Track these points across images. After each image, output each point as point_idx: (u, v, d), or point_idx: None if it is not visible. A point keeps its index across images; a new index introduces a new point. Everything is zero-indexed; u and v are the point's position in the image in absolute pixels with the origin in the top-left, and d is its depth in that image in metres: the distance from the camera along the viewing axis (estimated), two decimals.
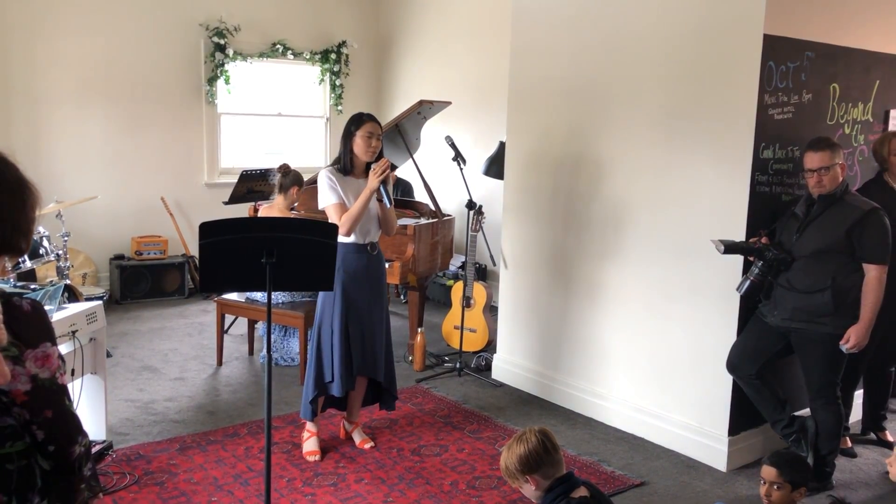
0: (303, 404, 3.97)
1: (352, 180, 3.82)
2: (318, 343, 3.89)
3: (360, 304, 3.85)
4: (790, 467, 2.90)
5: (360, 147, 3.76)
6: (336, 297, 3.80)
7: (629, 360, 4.38)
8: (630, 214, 4.30)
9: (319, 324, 3.89)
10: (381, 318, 3.97)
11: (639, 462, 4.01)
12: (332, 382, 3.86)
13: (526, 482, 2.60)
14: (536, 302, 4.90)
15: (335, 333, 3.82)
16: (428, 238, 5.41)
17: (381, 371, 3.99)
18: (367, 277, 3.87)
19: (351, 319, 3.84)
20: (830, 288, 3.52)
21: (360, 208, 3.70)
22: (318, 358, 3.88)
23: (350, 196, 3.77)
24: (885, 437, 4.31)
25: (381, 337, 3.96)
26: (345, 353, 3.83)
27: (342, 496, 3.56)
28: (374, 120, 3.79)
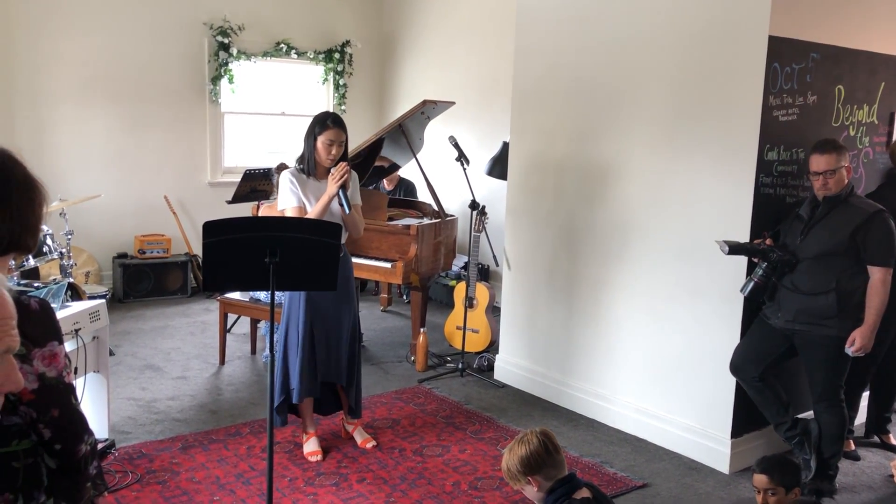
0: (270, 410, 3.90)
1: (313, 182, 3.79)
2: (285, 348, 3.85)
3: (325, 306, 3.81)
4: (780, 471, 2.89)
5: (320, 153, 3.74)
6: (300, 300, 3.77)
7: (632, 361, 4.37)
8: (634, 216, 4.29)
9: (286, 326, 3.85)
10: (349, 321, 3.91)
11: (641, 464, 4.00)
12: (294, 389, 3.81)
13: (528, 483, 2.59)
14: (539, 303, 4.90)
15: (301, 337, 3.78)
16: (431, 238, 5.41)
17: (344, 375, 3.94)
18: None
19: (316, 323, 3.81)
20: (835, 290, 3.51)
21: (319, 213, 3.66)
22: (284, 362, 3.84)
23: (311, 197, 3.74)
24: (890, 441, 4.30)
25: (346, 341, 3.91)
26: (309, 357, 3.79)
27: (344, 496, 3.55)
28: (338, 126, 3.72)
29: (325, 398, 4.04)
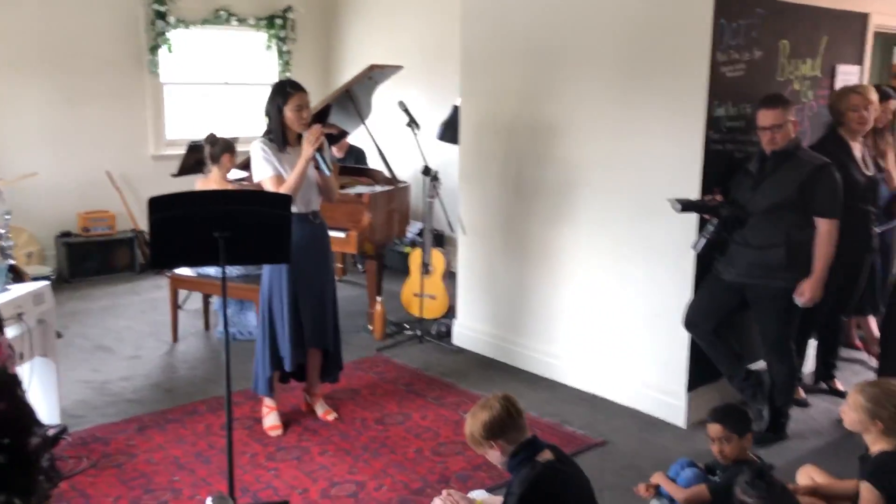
0: (259, 380, 3.91)
1: (288, 151, 3.72)
2: (270, 317, 3.81)
3: (307, 274, 3.79)
4: (732, 419, 2.97)
5: (292, 121, 3.66)
6: (283, 269, 3.73)
7: (587, 320, 4.41)
8: (585, 176, 4.30)
9: (269, 298, 3.81)
10: (329, 287, 3.92)
11: (600, 421, 4.06)
12: (284, 358, 3.81)
13: (491, 448, 2.61)
14: (495, 266, 4.90)
15: (285, 306, 3.75)
16: (384, 206, 5.35)
17: (331, 340, 3.95)
18: (312, 247, 3.80)
19: (301, 291, 3.78)
20: (784, 243, 3.58)
21: (298, 179, 3.61)
22: (270, 332, 3.81)
23: (287, 167, 3.67)
24: (836, 387, 4.44)
25: (329, 306, 3.91)
26: (296, 325, 3.78)
27: (306, 469, 3.53)
28: (300, 89, 3.68)
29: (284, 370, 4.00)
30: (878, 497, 2.78)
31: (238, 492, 3.19)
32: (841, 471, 3.22)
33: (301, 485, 3.40)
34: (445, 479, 3.42)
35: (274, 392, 3.95)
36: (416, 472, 3.51)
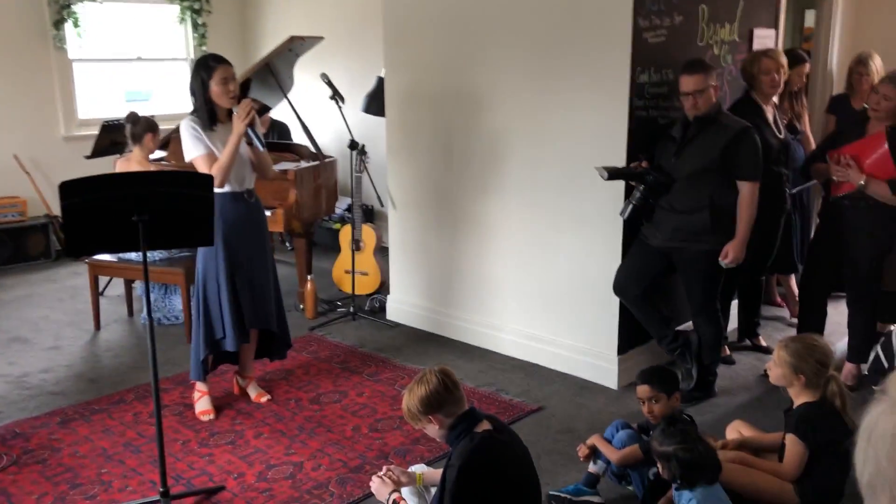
0: (193, 365, 3.82)
1: (218, 128, 3.61)
2: (205, 299, 3.72)
3: (244, 254, 3.70)
4: (659, 379, 3.04)
5: (219, 95, 3.54)
6: (218, 249, 3.63)
7: (520, 290, 4.44)
8: (513, 147, 4.29)
9: (203, 279, 3.71)
10: (267, 266, 3.84)
11: (535, 388, 4.10)
12: (223, 339, 3.72)
13: (429, 422, 2.59)
14: (426, 240, 4.87)
15: (222, 287, 3.67)
16: (310, 182, 5.24)
17: (274, 320, 3.88)
18: (248, 226, 3.71)
19: (237, 271, 3.69)
20: (708, 207, 3.65)
21: (231, 156, 3.50)
22: (206, 315, 3.72)
23: (218, 145, 3.56)
24: (760, 343, 4.59)
25: (269, 285, 3.84)
26: (235, 306, 3.69)
27: (241, 453, 3.46)
28: (223, 62, 3.55)
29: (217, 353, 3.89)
30: (803, 447, 2.89)
31: (171, 480, 3.11)
32: (768, 424, 3.34)
33: (236, 469, 3.33)
34: (384, 455, 3.41)
35: (207, 376, 3.85)
36: (355, 449, 3.48)
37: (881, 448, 0.59)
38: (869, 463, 0.61)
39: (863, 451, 0.62)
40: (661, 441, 2.67)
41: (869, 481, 0.60)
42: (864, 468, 0.61)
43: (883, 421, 0.60)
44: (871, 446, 0.61)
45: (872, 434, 0.61)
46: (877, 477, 0.60)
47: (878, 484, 0.60)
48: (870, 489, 0.60)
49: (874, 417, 0.62)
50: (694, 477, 2.61)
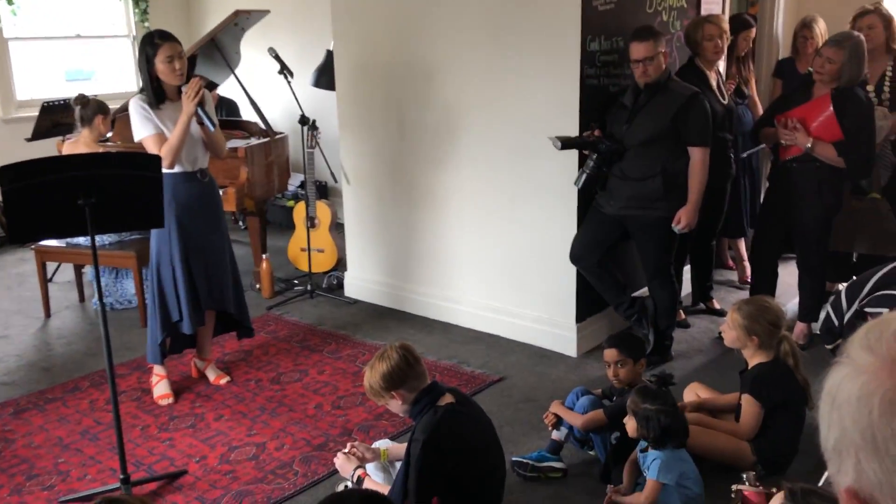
0: (149, 348, 3.75)
1: (167, 107, 3.52)
2: (159, 282, 3.65)
3: (198, 235, 3.63)
4: (627, 344, 3.09)
5: (165, 73, 3.44)
6: (171, 231, 3.55)
7: (478, 261, 4.44)
8: (467, 119, 4.27)
9: (157, 262, 3.64)
10: (223, 246, 3.78)
11: (496, 359, 4.13)
12: (180, 321, 3.66)
13: (392, 398, 2.59)
14: (382, 214, 4.84)
15: (177, 270, 3.60)
16: (261, 159, 5.15)
17: (231, 302, 3.82)
18: (201, 206, 3.64)
19: (191, 253, 3.62)
20: (661, 174, 3.69)
21: (181, 137, 3.42)
22: (161, 297, 3.65)
23: (168, 124, 3.48)
24: (714, 306, 4.68)
25: (225, 266, 3.78)
26: (190, 288, 3.63)
27: (203, 436, 3.43)
28: (169, 39, 3.45)
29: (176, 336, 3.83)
30: (758, 407, 2.97)
31: (131, 466, 3.06)
32: (724, 386, 3.42)
33: (198, 452, 3.29)
34: (348, 432, 3.40)
35: (165, 360, 3.79)
36: (318, 427, 3.47)
37: (846, 412, 0.60)
38: (834, 427, 0.61)
39: (827, 416, 0.63)
40: (642, 401, 2.70)
41: (835, 446, 0.61)
42: (830, 433, 0.62)
43: (847, 385, 0.61)
44: (836, 410, 0.61)
45: (836, 398, 0.62)
46: (842, 441, 0.60)
47: (843, 448, 0.60)
48: (836, 454, 0.61)
49: (837, 381, 0.62)
50: (666, 440, 2.67)
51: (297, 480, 3.07)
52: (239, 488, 3.03)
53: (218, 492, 3.02)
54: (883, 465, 0.57)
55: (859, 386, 0.60)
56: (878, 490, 0.58)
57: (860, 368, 0.61)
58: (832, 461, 0.62)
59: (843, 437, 0.60)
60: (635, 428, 2.72)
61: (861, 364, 0.62)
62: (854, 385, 0.60)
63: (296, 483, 3.05)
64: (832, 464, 0.63)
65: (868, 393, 0.59)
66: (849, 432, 0.59)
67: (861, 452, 0.59)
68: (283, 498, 2.96)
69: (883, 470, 0.57)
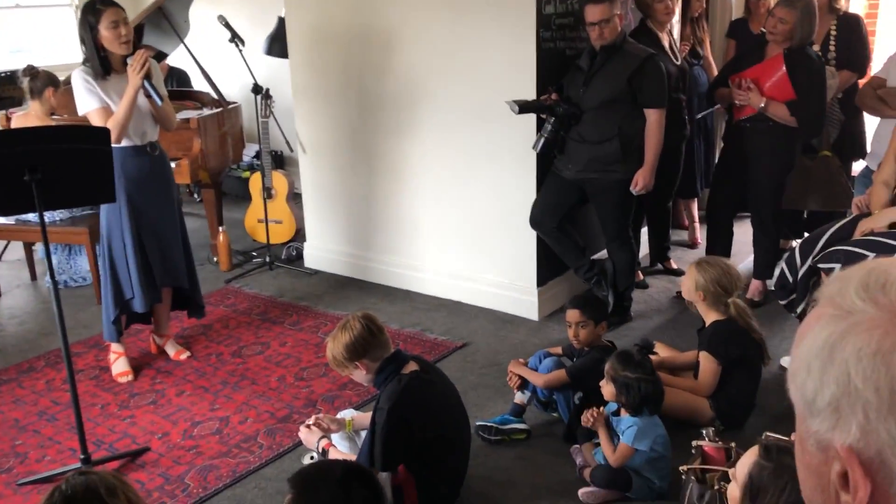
0: (104, 326, 3.68)
1: (113, 79, 3.40)
2: (111, 259, 3.57)
3: (149, 210, 3.55)
4: (590, 306, 3.12)
5: (110, 41, 3.32)
6: (122, 207, 3.47)
7: (439, 229, 4.43)
8: (425, 85, 4.22)
9: (108, 238, 3.55)
10: (175, 221, 3.70)
11: (459, 325, 4.15)
12: (133, 299, 3.59)
13: (356, 368, 2.59)
14: (340, 183, 4.78)
15: (128, 246, 3.52)
16: (215, 130, 5.05)
17: (185, 277, 3.76)
18: (152, 181, 3.55)
19: (143, 229, 3.55)
20: (618, 136, 3.70)
21: (127, 111, 3.32)
22: (113, 275, 3.57)
23: (114, 97, 3.37)
24: (671, 266, 4.74)
25: (177, 242, 3.70)
26: (143, 265, 3.56)
27: (164, 412, 3.39)
28: (111, 4, 3.33)
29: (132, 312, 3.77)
30: (716, 364, 3.04)
31: (92, 446, 3.02)
32: (682, 344, 3.49)
33: (160, 429, 3.26)
34: (312, 403, 3.40)
35: (121, 337, 3.72)
36: (281, 399, 3.46)
37: (855, 368, 0.57)
38: (830, 384, 0.59)
39: (819, 371, 0.60)
40: (622, 368, 2.73)
41: (831, 402, 0.59)
42: (823, 389, 0.60)
43: (854, 340, 0.58)
44: (835, 366, 0.59)
45: (836, 353, 0.59)
46: (844, 398, 0.58)
47: (845, 405, 0.58)
48: (831, 411, 0.59)
49: (836, 336, 0.60)
50: (644, 407, 2.71)
51: (262, 453, 3.06)
52: (203, 463, 3.02)
53: (182, 468, 3.00)
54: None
55: (875, 341, 0.57)
56: (888, 450, 0.56)
57: (868, 322, 0.58)
58: (823, 418, 0.60)
59: (846, 394, 0.58)
60: (613, 393, 2.74)
61: (868, 318, 0.59)
62: (865, 340, 0.58)
63: (261, 456, 3.04)
64: (823, 421, 0.60)
65: (886, 349, 0.57)
66: (858, 390, 0.57)
67: (873, 411, 0.57)
68: (249, 471, 2.95)
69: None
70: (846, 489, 0.60)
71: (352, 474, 1.55)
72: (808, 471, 0.65)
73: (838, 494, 0.61)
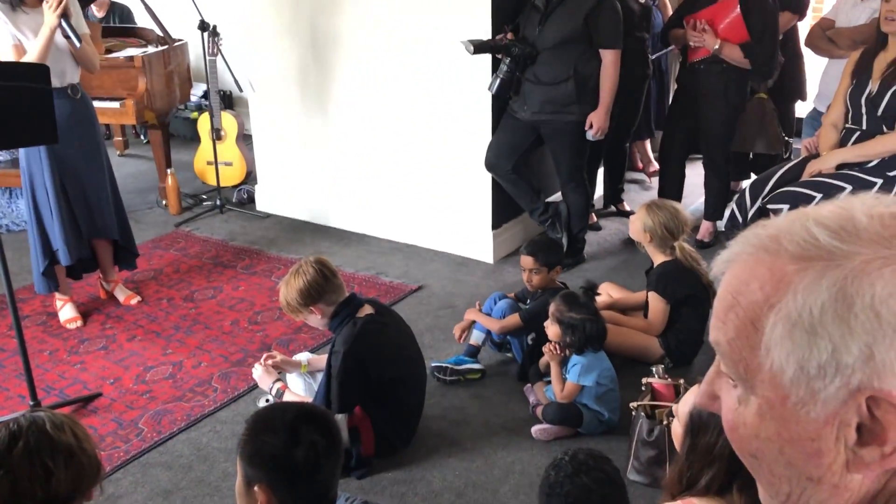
0: (35, 279, 3.55)
1: (28, 13, 3.20)
2: (36, 208, 3.40)
3: (72, 157, 3.36)
4: (544, 252, 3.14)
5: None
6: (42, 154, 3.29)
7: (393, 171, 4.38)
8: (377, 23, 4.12)
9: (31, 187, 3.37)
10: (102, 169, 3.51)
11: (414, 268, 4.15)
12: (59, 251, 3.43)
13: (311, 313, 2.58)
14: (292, 124, 4.68)
15: (51, 195, 3.34)
16: (160, 69, 4.88)
17: (115, 228, 3.61)
18: (74, 126, 3.34)
19: (66, 177, 3.37)
20: (573, 77, 3.67)
21: (42, 53, 3.12)
22: (39, 225, 3.41)
23: (28, 33, 3.17)
24: (624, 208, 4.79)
25: (105, 190, 3.53)
26: (68, 215, 3.39)
27: (116, 358, 3.35)
28: None
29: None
30: (664, 303, 3.10)
31: (41, 392, 2.97)
32: (634, 285, 3.54)
33: (112, 375, 3.22)
34: (266, 347, 3.38)
35: (60, 284, 3.61)
36: (235, 343, 3.44)
37: (884, 308, 0.55)
38: (859, 333, 0.56)
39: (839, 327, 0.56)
40: (568, 309, 2.76)
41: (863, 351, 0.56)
42: (849, 342, 0.56)
43: (868, 281, 0.55)
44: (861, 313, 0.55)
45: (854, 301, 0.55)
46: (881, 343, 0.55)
47: (881, 349, 0.55)
48: (866, 360, 0.56)
49: (838, 282, 0.56)
50: (587, 346, 2.76)
51: (216, 397, 3.05)
52: (157, 408, 3.00)
53: (135, 412, 2.97)
54: None
55: None
56: None
57: (877, 261, 0.56)
58: (851, 372, 0.56)
59: (882, 337, 0.55)
60: (558, 333, 2.78)
61: (870, 258, 0.56)
62: (888, 278, 0.55)
63: (216, 399, 3.03)
64: (848, 376, 0.56)
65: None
66: (893, 325, 0.55)
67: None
68: (204, 415, 2.94)
69: None
70: (869, 442, 0.58)
71: (302, 418, 1.55)
72: (786, 445, 0.62)
73: (844, 456, 0.59)
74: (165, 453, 2.76)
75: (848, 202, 0.61)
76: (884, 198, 0.61)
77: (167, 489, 2.59)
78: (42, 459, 1.36)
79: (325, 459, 1.54)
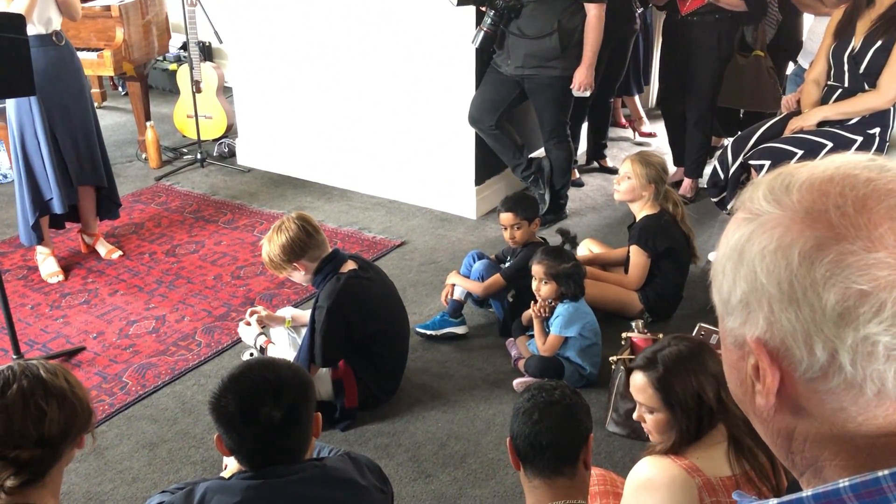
0: (22, 231, 3.54)
1: None
2: (26, 159, 3.38)
3: (61, 104, 3.36)
4: (522, 207, 3.15)
5: None
6: (32, 102, 3.26)
7: (377, 125, 4.36)
8: None
9: (21, 137, 3.35)
10: (89, 115, 3.51)
11: (397, 223, 4.15)
12: (52, 200, 3.43)
13: (294, 269, 2.58)
14: (275, 77, 4.62)
15: (42, 144, 3.33)
16: (138, 19, 4.78)
17: (103, 175, 3.61)
18: (61, 73, 3.34)
19: (56, 125, 3.36)
20: (557, 31, 3.64)
21: (31, 2, 3.09)
22: (29, 175, 3.40)
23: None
24: (606, 165, 4.79)
25: (93, 136, 3.53)
26: (59, 163, 3.39)
27: (98, 312, 3.34)
28: None
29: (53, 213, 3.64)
30: (645, 257, 3.13)
31: (24, 346, 2.98)
32: (614, 240, 3.57)
33: (95, 329, 3.22)
34: (249, 301, 3.39)
35: (44, 237, 3.60)
36: (218, 298, 3.44)
37: (760, 265, 0.62)
38: (741, 282, 0.63)
39: (732, 271, 0.64)
40: (557, 263, 2.80)
41: (742, 299, 0.64)
42: (735, 287, 0.64)
43: (759, 239, 0.62)
44: (745, 265, 0.63)
45: (745, 253, 0.63)
46: (752, 294, 0.63)
47: (753, 300, 0.63)
48: (742, 307, 0.64)
49: (745, 236, 0.64)
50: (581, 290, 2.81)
51: (200, 351, 3.07)
52: (141, 362, 3.01)
53: (119, 366, 2.99)
54: (800, 314, 0.60)
55: (776, 238, 0.61)
56: (790, 337, 0.61)
57: (771, 222, 0.62)
58: (736, 315, 0.65)
59: (753, 290, 0.62)
60: (555, 289, 2.81)
61: (771, 217, 0.63)
62: (767, 238, 0.62)
63: (199, 354, 3.05)
64: (735, 317, 0.65)
65: (785, 245, 0.61)
66: (762, 285, 0.61)
67: (776, 303, 0.61)
68: (188, 369, 2.96)
69: (798, 318, 0.60)
70: (759, 379, 0.64)
71: (266, 389, 1.48)
72: (730, 368, 0.69)
73: (754, 386, 0.65)
74: (150, 406, 2.78)
75: (812, 166, 0.65)
76: (844, 160, 0.65)
77: (152, 441, 2.61)
78: (36, 401, 1.38)
79: (278, 434, 1.48)
